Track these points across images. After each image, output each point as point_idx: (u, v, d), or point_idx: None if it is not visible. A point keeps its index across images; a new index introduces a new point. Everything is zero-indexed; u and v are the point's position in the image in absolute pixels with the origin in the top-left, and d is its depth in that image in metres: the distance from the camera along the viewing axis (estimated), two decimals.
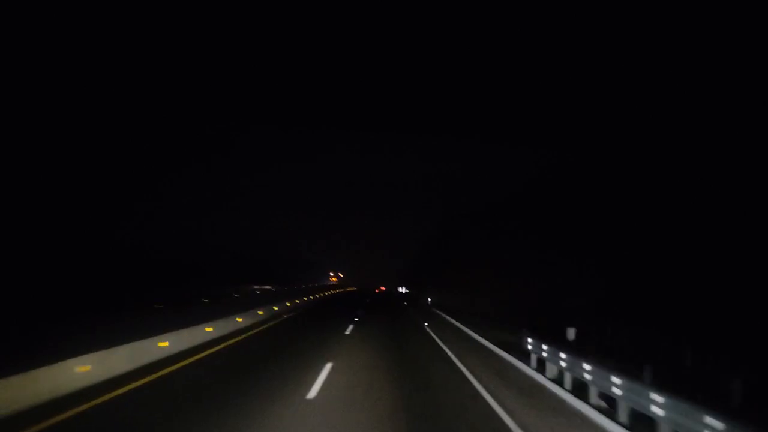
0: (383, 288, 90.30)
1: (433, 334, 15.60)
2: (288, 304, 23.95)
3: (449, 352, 11.93)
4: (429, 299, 34.82)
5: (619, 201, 21.47)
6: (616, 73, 17.77)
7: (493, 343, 13.54)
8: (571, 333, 10.08)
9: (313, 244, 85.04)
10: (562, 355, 8.15)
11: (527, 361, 10.35)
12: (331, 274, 70.71)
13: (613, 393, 6.04)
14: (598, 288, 21.45)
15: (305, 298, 30.30)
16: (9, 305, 18.04)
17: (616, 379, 5.97)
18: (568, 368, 7.80)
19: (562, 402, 7.22)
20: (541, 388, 8.29)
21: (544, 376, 8.86)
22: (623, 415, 5.89)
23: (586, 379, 6.87)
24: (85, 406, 5.74)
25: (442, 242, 48.76)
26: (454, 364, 10.34)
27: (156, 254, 46.00)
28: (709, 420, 4.08)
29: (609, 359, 8.34)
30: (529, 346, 10.06)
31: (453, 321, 20.78)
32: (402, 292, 77.97)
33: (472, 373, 9.19)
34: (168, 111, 37.84)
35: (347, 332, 14.66)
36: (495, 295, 28.70)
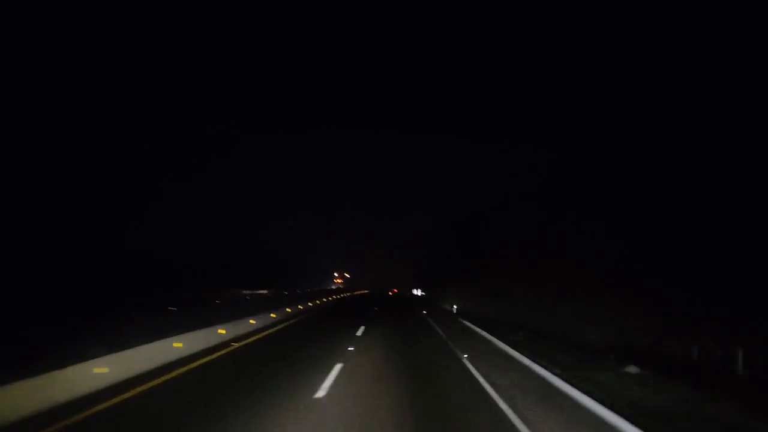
0: (395, 290, 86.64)
1: (492, 392, 8.32)
2: (273, 315, 17.37)
3: None
4: (454, 306, 27.36)
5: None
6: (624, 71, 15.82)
7: (602, 403, 6.33)
8: None
9: (319, 247, 79.54)
10: None
11: None
12: (336, 275, 62.97)
13: None
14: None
15: (300, 306, 23.49)
16: None
17: None
18: None
19: None
20: None
21: None
22: None
23: None
24: None
25: (464, 238, 41.50)
26: None
27: (149, 255, 42.43)
28: None
29: None
30: None
31: (504, 347, 13.53)
32: (417, 295, 71.76)
33: None
34: (168, 111, 35.51)
35: (319, 394, 7.46)
36: (543, 303, 21.40)
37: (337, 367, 9.29)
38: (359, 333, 15.36)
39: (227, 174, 63.12)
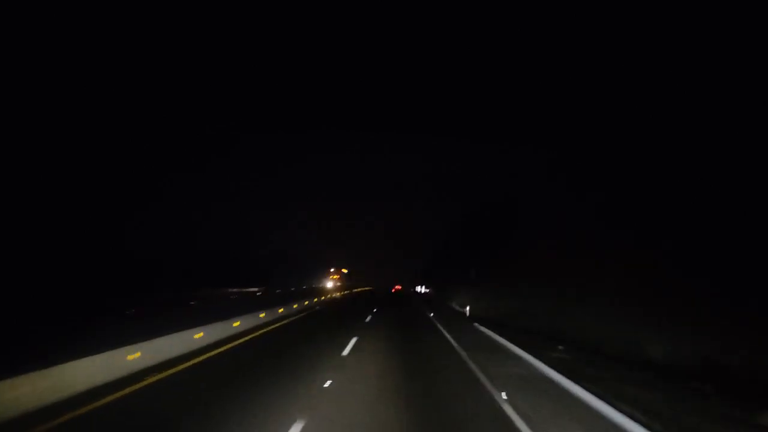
0: (399, 287, 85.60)
1: None
2: (236, 324, 13.56)
3: None
4: (467, 308, 23.23)
5: None
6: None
7: None
8: None
9: (318, 245, 76.69)
10: None
11: None
12: (332, 270, 57.76)
13: None
14: None
15: (281, 310, 19.58)
16: None
17: None
18: None
19: None
20: None
21: None
22: None
23: None
24: None
25: (473, 234, 37.34)
26: None
27: (138, 255, 41.47)
28: None
29: None
30: None
31: (549, 371, 9.43)
32: (421, 293, 68.12)
33: None
34: (168, 111, 35.93)
35: None
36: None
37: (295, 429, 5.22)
38: (346, 351, 11.27)
39: (227, 174, 63.83)
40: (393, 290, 76.13)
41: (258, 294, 33.16)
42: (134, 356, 7.99)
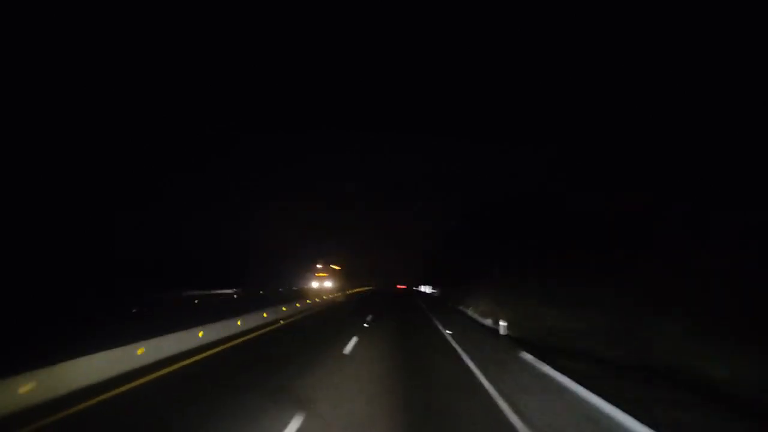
0: (403, 287, 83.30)
1: None
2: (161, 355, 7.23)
3: None
4: (500, 323, 16.32)
5: None
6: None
7: None
8: None
9: (315, 243, 71.97)
10: None
11: None
12: (319, 267, 49.60)
13: None
14: None
15: (267, 314, 13.20)
16: None
17: None
18: None
19: None
20: None
21: None
22: None
23: None
24: None
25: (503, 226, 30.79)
26: None
27: (124, 254, 41.15)
28: None
29: None
30: None
31: None
32: (425, 293, 62.08)
33: None
34: (168, 111, 35.48)
35: None
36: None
37: None
38: None
39: (227, 173, 64.80)
40: (395, 291, 70.37)
41: (235, 296, 28.22)
42: None
